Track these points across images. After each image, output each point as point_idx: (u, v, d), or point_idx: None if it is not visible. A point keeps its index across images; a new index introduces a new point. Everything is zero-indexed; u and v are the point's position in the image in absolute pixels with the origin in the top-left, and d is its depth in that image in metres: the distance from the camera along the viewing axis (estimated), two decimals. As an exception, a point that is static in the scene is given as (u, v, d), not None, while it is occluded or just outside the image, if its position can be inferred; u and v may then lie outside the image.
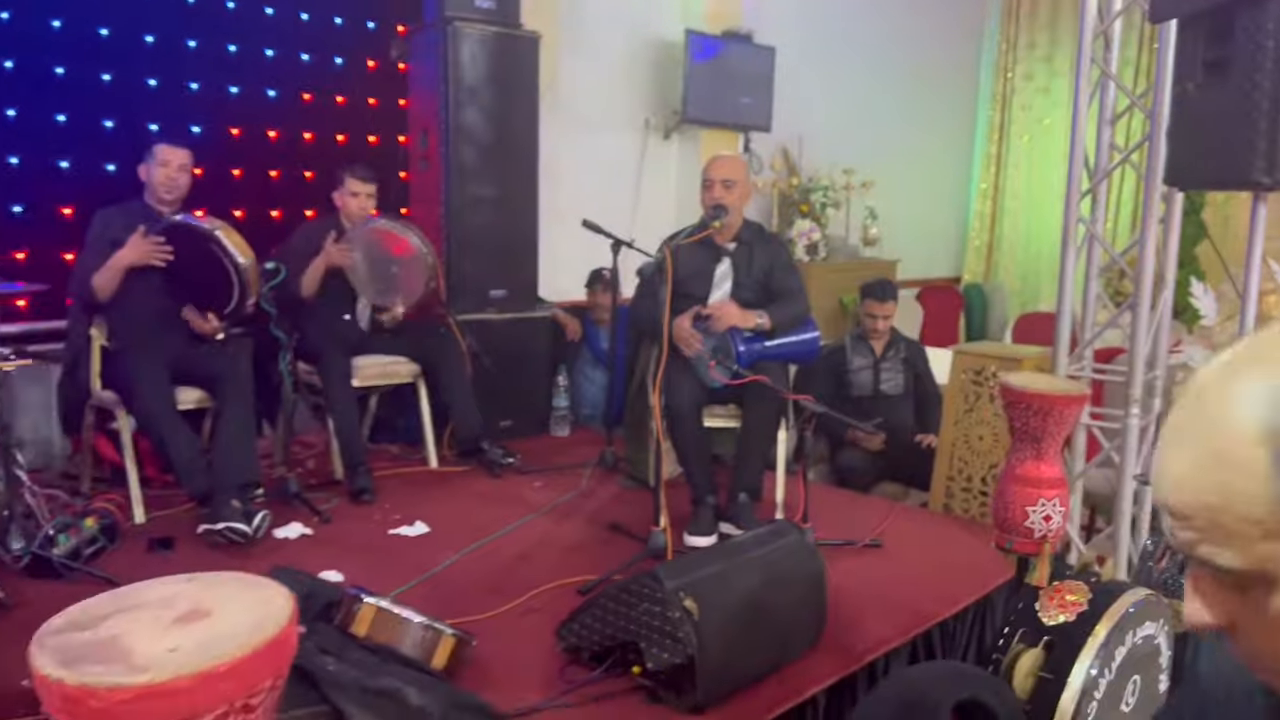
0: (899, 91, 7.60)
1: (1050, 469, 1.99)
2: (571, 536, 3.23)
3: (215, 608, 0.87)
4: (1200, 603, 0.69)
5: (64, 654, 0.78)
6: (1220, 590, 0.67)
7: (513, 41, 4.22)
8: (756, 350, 3.21)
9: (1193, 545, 0.66)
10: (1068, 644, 1.47)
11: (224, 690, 0.77)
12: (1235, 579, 0.65)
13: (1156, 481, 0.68)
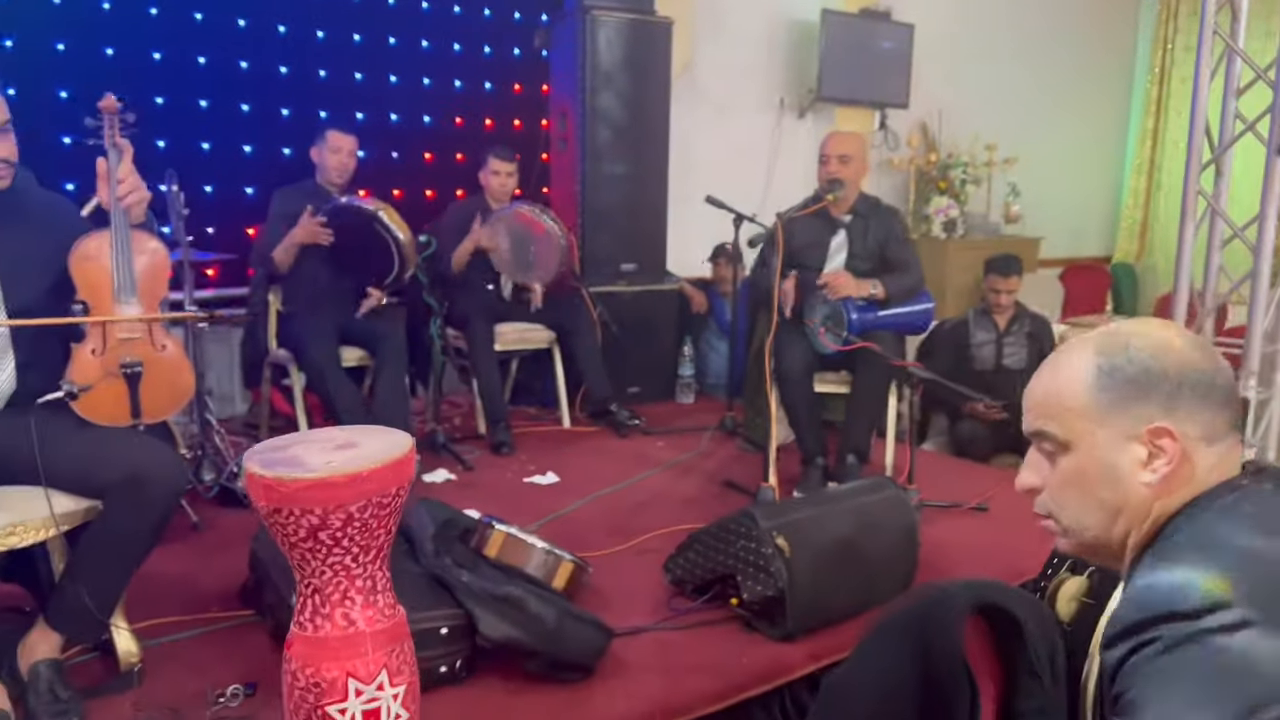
0: (1045, 65, 7.46)
1: None
2: (688, 490, 3.49)
3: (361, 441, 1.19)
4: (1028, 471, 1.14)
5: (263, 460, 1.12)
6: (1042, 460, 1.12)
7: (647, 28, 4.48)
8: (869, 319, 3.38)
9: (1037, 423, 1.11)
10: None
11: (364, 489, 1.09)
12: (1054, 446, 1.09)
13: (1028, 392, 1.13)
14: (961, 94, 6.93)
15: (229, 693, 2.04)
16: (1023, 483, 1.16)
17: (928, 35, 6.48)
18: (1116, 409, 1.06)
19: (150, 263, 2.20)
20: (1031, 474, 1.14)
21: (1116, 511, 1.08)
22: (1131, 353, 1.06)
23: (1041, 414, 1.11)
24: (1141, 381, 1.05)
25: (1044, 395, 1.12)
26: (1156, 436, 1.05)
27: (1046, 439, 1.11)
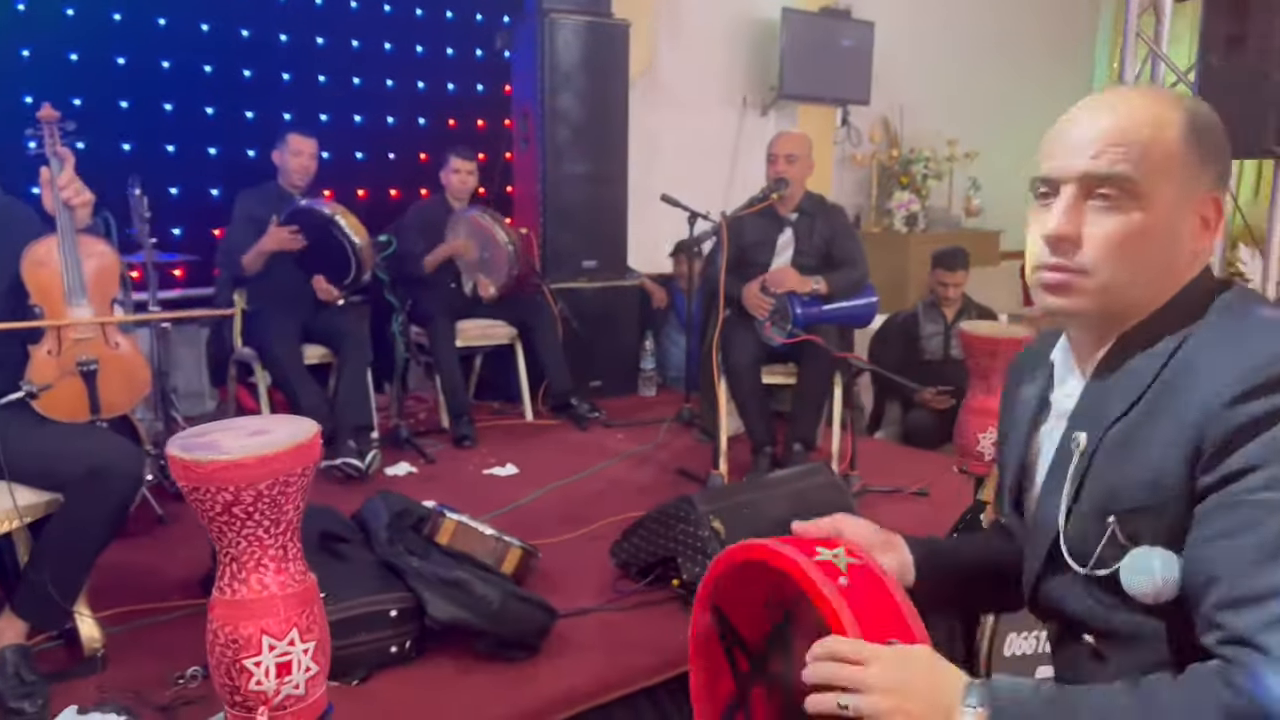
0: (1005, 60, 7.61)
1: (997, 401, 2.24)
2: (643, 480, 3.62)
3: (273, 428, 1.33)
4: (1066, 218, 1.00)
5: (184, 445, 1.28)
6: (1081, 210, 1.00)
7: (604, 29, 4.60)
8: (813, 313, 3.52)
9: (1113, 166, 0.98)
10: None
11: (272, 469, 1.24)
12: (1120, 196, 0.98)
13: (1081, 134, 1.01)
14: (922, 90, 7.07)
15: (188, 674, 2.15)
16: (1059, 229, 1.01)
17: (888, 33, 6.62)
18: (1196, 170, 0.99)
19: (99, 265, 2.31)
20: (1070, 222, 1.00)
21: (1162, 275, 1.00)
22: (1214, 116, 1.01)
23: (1120, 157, 0.98)
24: (1219, 147, 1.01)
25: (1122, 136, 0.99)
26: (1213, 208, 1.01)
27: (1115, 185, 0.99)
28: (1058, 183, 1.02)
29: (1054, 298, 1.03)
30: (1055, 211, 1.01)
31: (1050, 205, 1.02)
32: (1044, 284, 1.03)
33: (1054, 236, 1.00)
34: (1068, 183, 1.01)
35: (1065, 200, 1.01)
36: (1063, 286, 1.01)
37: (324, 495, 3.09)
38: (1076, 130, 1.02)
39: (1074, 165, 1.00)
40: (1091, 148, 0.99)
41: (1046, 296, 1.03)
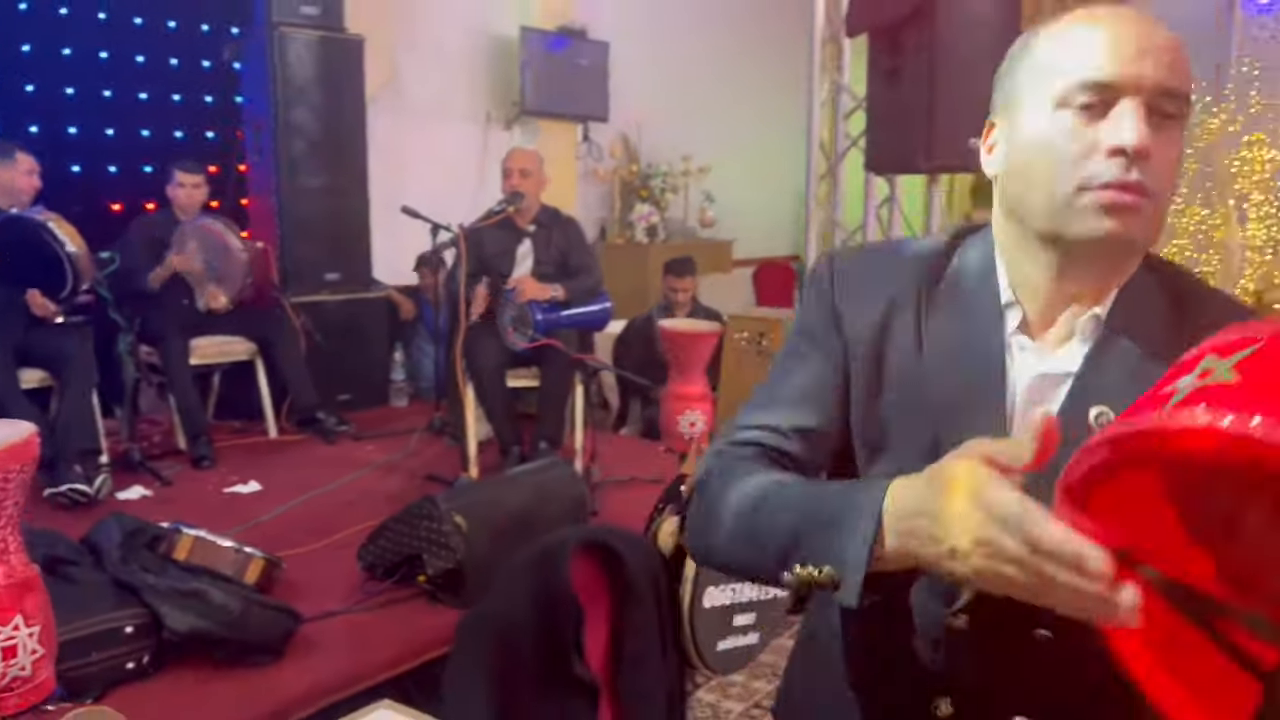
0: (735, 79, 8.20)
1: (694, 388, 2.58)
2: (393, 488, 3.70)
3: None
4: (1145, 127, 0.83)
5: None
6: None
7: (337, 44, 4.63)
8: (553, 319, 3.74)
9: (1178, 81, 0.86)
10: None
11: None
12: (1178, 112, 0.86)
13: (1147, 40, 0.86)
14: (658, 107, 7.50)
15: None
16: (1142, 141, 0.84)
17: (623, 52, 6.99)
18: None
19: None
20: (1147, 138, 0.85)
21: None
22: None
23: (1182, 72, 0.86)
24: None
25: (1179, 53, 0.87)
26: None
27: (1181, 103, 0.87)
28: (1119, 92, 0.86)
29: (1117, 221, 0.86)
30: (1130, 122, 0.84)
31: (1100, 117, 0.86)
32: (1111, 204, 0.85)
33: (1138, 149, 0.84)
34: (1135, 94, 0.85)
35: (1137, 112, 0.85)
36: (1132, 209, 0.85)
37: (51, 523, 2.97)
38: (1139, 35, 0.87)
39: (1146, 74, 0.85)
40: (1166, 55, 0.86)
41: (1107, 220, 0.85)
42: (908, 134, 3.02)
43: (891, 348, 0.96)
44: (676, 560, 2.00)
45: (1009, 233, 0.95)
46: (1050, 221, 0.88)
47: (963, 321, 0.95)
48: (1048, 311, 0.93)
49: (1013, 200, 0.93)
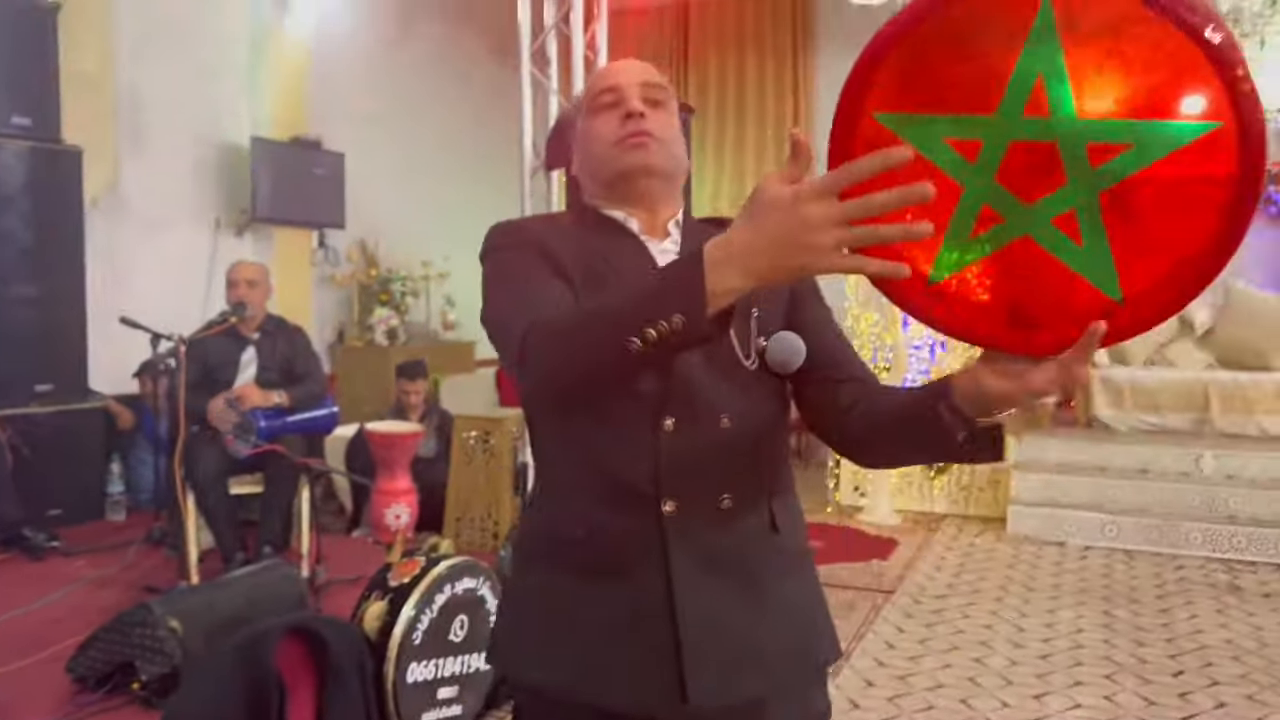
0: (472, 184, 8.58)
1: (399, 484, 2.87)
2: (107, 601, 3.66)
3: None
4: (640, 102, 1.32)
5: None
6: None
7: (52, 154, 4.62)
8: (277, 425, 3.89)
9: (651, 81, 1.34)
10: (402, 596, 2.30)
11: None
12: (661, 94, 1.36)
13: (629, 70, 1.36)
14: (398, 214, 7.81)
15: None
16: (638, 106, 1.33)
17: (359, 162, 7.25)
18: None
19: None
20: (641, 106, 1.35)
21: None
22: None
23: (654, 74, 1.38)
24: None
25: (650, 69, 1.39)
26: None
27: (656, 89, 1.36)
28: (621, 89, 1.34)
29: (639, 153, 1.31)
30: (633, 95, 1.33)
31: (616, 105, 1.32)
32: (634, 144, 1.30)
33: (637, 110, 1.32)
34: (629, 86, 1.34)
35: (632, 92, 1.33)
36: (644, 145, 1.32)
37: None
38: (621, 65, 1.39)
39: (632, 77, 1.35)
40: (639, 69, 1.37)
41: (634, 154, 1.31)
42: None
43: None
44: (381, 641, 2.23)
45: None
46: (610, 171, 1.31)
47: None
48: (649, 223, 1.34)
49: (585, 184, 1.38)
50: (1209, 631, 4.64)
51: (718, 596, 1.20)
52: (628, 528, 1.20)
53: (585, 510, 1.22)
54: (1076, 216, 0.91)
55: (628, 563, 1.20)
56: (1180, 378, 6.93)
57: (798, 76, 8.98)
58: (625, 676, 1.19)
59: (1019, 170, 0.92)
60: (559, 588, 1.24)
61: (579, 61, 4.12)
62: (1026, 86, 0.89)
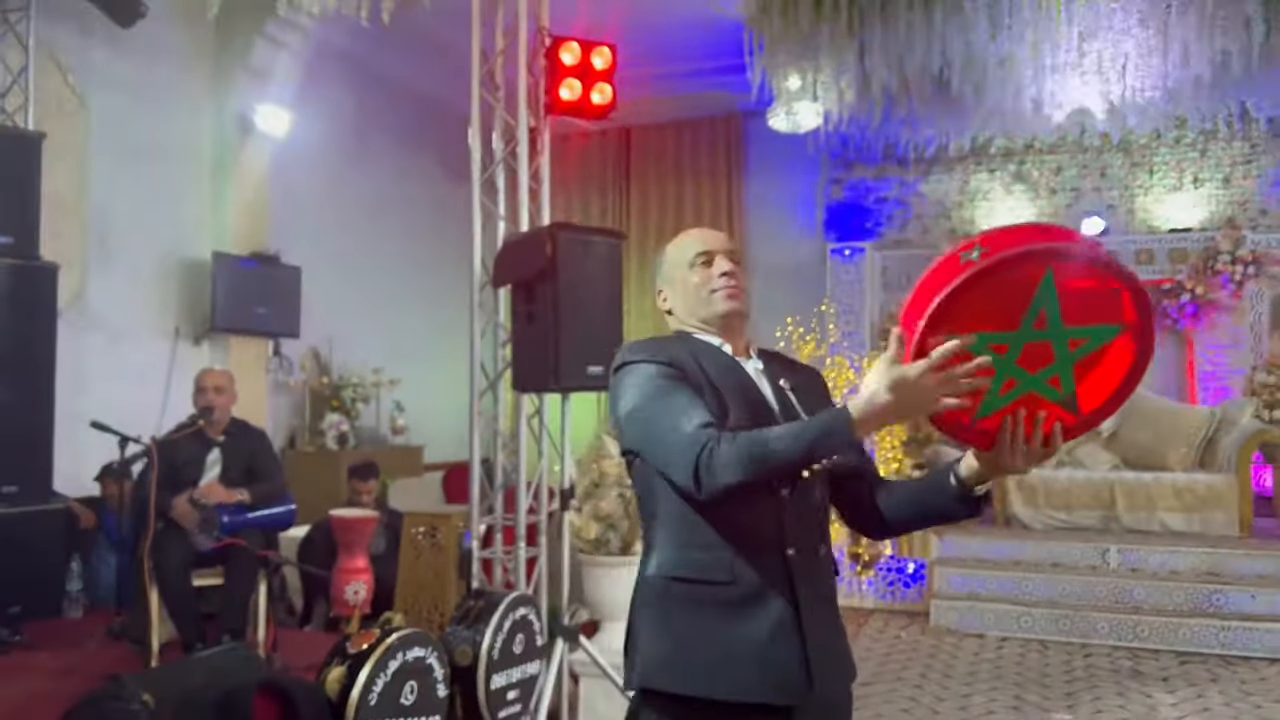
0: (420, 298, 9.08)
1: (358, 563, 3.21)
2: (74, 689, 3.88)
3: None
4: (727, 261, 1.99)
5: None
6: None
7: (30, 271, 4.98)
8: (239, 520, 4.21)
9: (731, 250, 2.02)
10: (359, 662, 2.62)
11: None
12: (737, 257, 2.04)
13: (717, 238, 2.02)
14: (349, 324, 8.21)
15: None
16: (730, 266, 1.97)
17: (315, 274, 7.67)
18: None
19: None
20: (729, 265, 1.98)
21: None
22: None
23: (732, 242, 2.03)
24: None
25: (730, 238, 2.06)
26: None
27: (736, 254, 1.99)
28: (712, 253, 1.95)
29: (732, 300, 1.92)
30: (722, 261, 1.95)
31: (709, 264, 1.94)
32: (728, 293, 1.92)
33: (732, 271, 1.94)
34: (718, 252, 1.95)
35: (722, 256, 1.96)
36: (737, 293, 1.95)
37: None
38: (712, 233, 2.01)
39: (720, 244, 1.97)
40: (725, 238, 2.01)
41: (726, 301, 1.92)
42: (542, 362, 3.92)
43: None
44: (340, 701, 2.54)
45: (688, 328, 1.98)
46: (710, 311, 1.93)
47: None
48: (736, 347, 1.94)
49: (682, 316, 1.97)
50: (1108, 712, 5.05)
51: (824, 618, 1.78)
52: (764, 570, 1.73)
53: (729, 560, 1.73)
54: (1060, 377, 1.62)
55: (765, 595, 1.72)
56: (1088, 477, 7.48)
57: (731, 197, 9.68)
58: (772, 678, 1.70)
59: (1027, 357, 1.59)
60: (706, 623, 1.72)
61: (524, 191, 4.63)
62: (1035, 313, 1.56)
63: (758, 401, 1.84)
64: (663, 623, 1.76)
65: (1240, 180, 8.52)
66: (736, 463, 1.62)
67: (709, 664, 1.69)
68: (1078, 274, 1.55)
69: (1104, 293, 1.57)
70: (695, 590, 1.73)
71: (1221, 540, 6.91)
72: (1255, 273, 8.03)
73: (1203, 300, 8.13)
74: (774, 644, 1.69)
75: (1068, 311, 1.56)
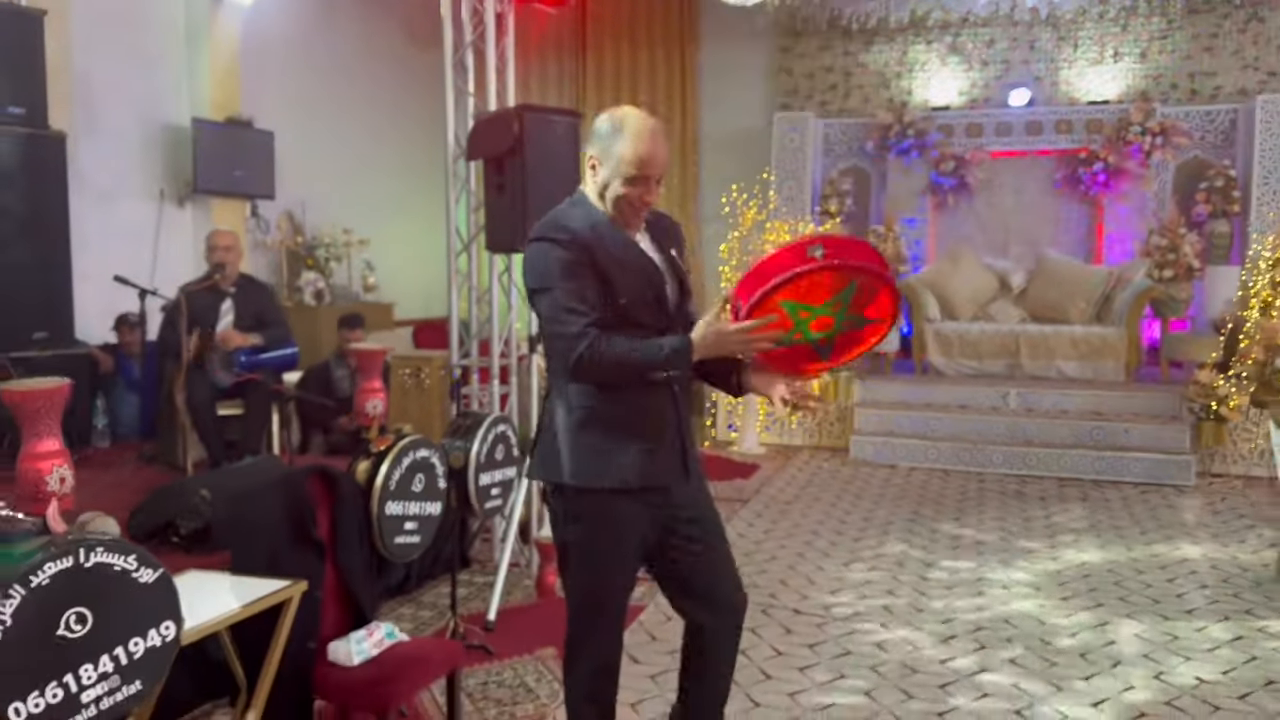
0: (390, 159, 9.72)
1: (375, 384, 4.04)
2: (125, 501, 4.74)
3: None
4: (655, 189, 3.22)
5: None
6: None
7: (40, 139, 5.58)
8: (253, 360, 5.02)
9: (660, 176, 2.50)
10: (380, 458, 3.48)
11: None
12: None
13: (657, 162, 2.40)
14: (321, 186, 8.83)
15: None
16: (655, 196, 2.41)
17: (288, 140, 8.25)
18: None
19: None
20: (656, 194, 2.45)
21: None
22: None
23: (665, 161, 2.44)
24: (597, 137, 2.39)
25: (666, 154, 2.46)
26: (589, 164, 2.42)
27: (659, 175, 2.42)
28: (648, 177, 2.33)
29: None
30: (651, 188, 2.36)
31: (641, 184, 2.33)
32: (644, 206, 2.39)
33: (650, 200, 2.38)
34: (651, 174, 2.33)
35: (652, 183, 2.36)
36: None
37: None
38: (659, 151, 2.34)
39: (656, 169, 2.34)
40: (663, 159, 2.38)
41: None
42: (511, 227, 4.69)
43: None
44: (368, 485, 3.41)
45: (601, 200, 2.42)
46: (619, 210, 2.38)
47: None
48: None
49: (598, 191, 2.40)
50: (989, 522, 6.14)
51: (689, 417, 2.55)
52: (657, 394, 2.43)
53: (625, 398, 2.39)
54: (829, 337, 2.39)
55: (654, 417, 2.43)
56: (997, 330, 8.48)
57: (684, 66, 10.26)
58: (664, 467, 2.45)
59: (817, 324, 2.34)
60: (609, 441, 2.40)
61: (492, 70, 5.30)
62: (842, 299, 2.31)
63: (651, 270, 2.42)
64: (580, 446, 2.43)
65: (1155, 55, 9.28)
66: (601, 370, 2.29)
67: (620, 466, 2.43)
68: (876, 285, 2.33)
69: (890, 298, 2.37)
70: (597, 421, 2.42)
71: (1109, 385, 8.00)
72: (1163, 143, 8.87)
73: (1114, 169, 8.98)
74: (659, 447, 2.46)
75: (859, 301, 2.33)
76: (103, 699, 2.14)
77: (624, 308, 2.35)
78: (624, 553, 2.49)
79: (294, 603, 2.83)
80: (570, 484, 2.45)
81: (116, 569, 2.16)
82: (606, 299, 2.33)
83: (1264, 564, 5.26)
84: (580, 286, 2.30)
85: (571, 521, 2.49)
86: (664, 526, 2.50)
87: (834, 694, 3.66)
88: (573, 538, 2.50)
